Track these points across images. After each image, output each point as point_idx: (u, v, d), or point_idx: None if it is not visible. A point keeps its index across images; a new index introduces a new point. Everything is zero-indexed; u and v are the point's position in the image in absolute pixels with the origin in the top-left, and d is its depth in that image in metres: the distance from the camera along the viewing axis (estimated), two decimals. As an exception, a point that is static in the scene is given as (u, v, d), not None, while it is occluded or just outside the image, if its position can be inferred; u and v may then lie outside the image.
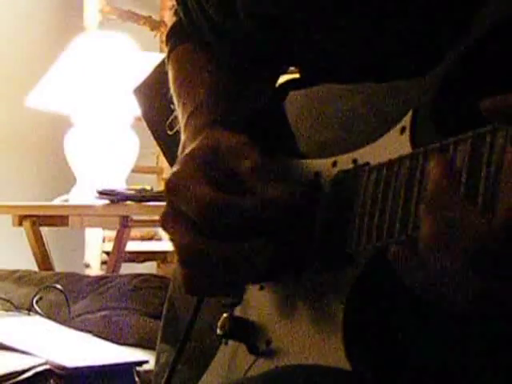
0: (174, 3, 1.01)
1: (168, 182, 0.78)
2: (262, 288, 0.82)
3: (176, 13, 1.01)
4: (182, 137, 0.87)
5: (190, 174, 0.77)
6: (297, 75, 0.90)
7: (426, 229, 0.60)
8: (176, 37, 1.00)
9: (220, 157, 0.78)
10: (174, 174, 0.78)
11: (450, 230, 0.58)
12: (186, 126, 0.88)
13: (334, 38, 0.82)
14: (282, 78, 0.92)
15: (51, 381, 1.60)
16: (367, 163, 0.72)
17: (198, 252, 0.75)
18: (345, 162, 0.75)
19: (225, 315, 0.83)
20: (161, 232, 3.40)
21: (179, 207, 0.76)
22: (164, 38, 1.06)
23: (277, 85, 0.92)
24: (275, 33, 0.86)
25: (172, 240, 0.78)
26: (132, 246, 3.26)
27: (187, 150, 0.81)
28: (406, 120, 0.69)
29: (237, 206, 0.74)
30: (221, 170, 0.77)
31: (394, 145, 0.70)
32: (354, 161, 0.74)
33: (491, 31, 0.64)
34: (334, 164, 0.76)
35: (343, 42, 0.81)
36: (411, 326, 0.71)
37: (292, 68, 0.93)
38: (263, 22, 0.86)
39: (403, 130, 0.69)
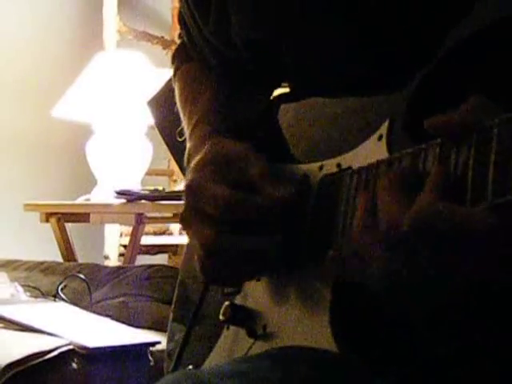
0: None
1: (188, 186, 0.78)
2: (258, 279, 0.82)
3: (180, 36, 1.01)
4: (188, 145, 0.88)
5: (208, 177, 0.77)
6: (288, 89, 0.90)
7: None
8: (180, 57, 1.01)
9: (231, 162, 0.79)
10: (192, 179, 0.78)
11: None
12: (190, 136, 0.89)
13: (321, 60, 0.82)
14: (276, 92, 0.93)
15: (74, 359, 1.60)
16: (350, 167, 0.72)
17: (218, 245, 0.76)
18: (330, 166, 0.75)
19: (226, 303, 0.83)
20: (172, 227, 3.41)
21: (199, 207, 0.76)
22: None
23: (270, 98, 0.92)
24: (268, 55, 0.86)
25: (193, 237, 0.78)
26: (146, 240, 3.25)
27: (197, 158, 0.81)
28: (383, 128, 0.69)
29: (252, 203, 0.75)
30: (233, 173, 0.78)
31: (372, 150, 0.70)
32: (338, 165, 0.74)
33: (455, 51, 0.65)
34: (321, 168, 0.77)
35: (329, 62, 0.81)
36: (394, 309, 0.71)
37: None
38: (257, 46, 0.86)
39: (381, 137, 0.69)
